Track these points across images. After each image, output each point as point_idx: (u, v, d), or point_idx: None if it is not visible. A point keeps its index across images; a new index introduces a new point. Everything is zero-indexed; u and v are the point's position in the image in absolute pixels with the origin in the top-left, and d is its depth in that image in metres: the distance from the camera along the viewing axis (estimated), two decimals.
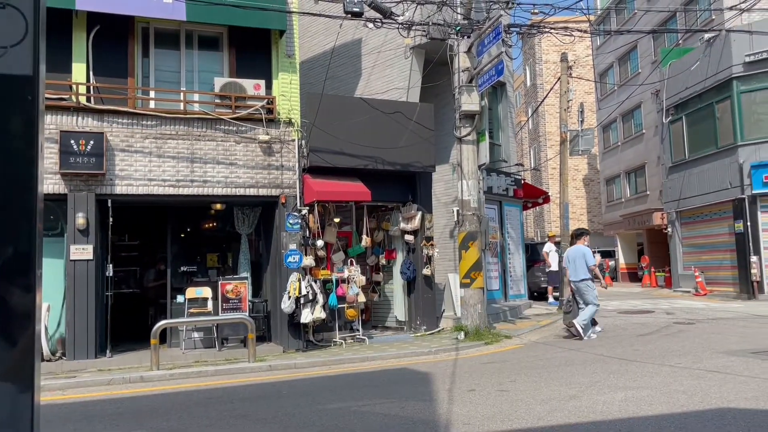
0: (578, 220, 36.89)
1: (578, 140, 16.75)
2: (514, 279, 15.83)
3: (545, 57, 38.71)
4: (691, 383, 6.02)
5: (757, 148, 17.30)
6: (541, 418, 4.97)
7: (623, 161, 31.00)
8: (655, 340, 9.42)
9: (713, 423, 4.59)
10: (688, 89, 19.82)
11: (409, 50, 12.79)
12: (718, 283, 18.85)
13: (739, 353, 7.67)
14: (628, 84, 27.31)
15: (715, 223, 19.12)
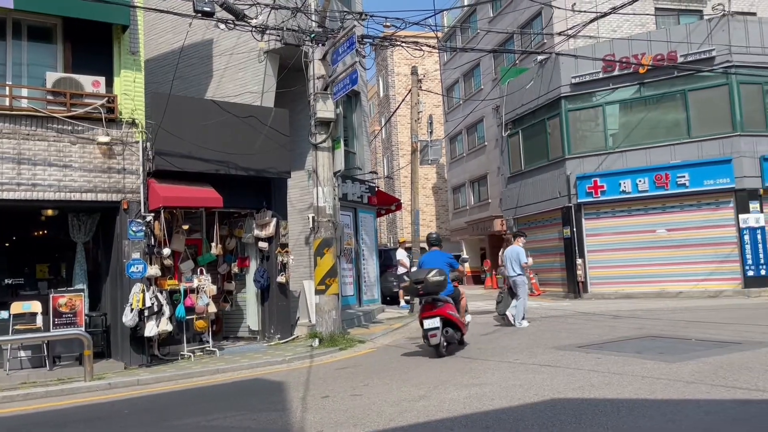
0: (428, 227, 38.50)
1: (428, 150, 17.54)
2: (368, 284, 16.15)
3: (397, 69, 40.07)
4: (527, 377, 6.51)
5: (581, 161, 19.21)
6: (392, 419, 5.10)
7: (468, 171, 32.96)
8: (496, 338, 10.08)
9: (546, 413, 5.00)
10: (524, 106, 21.55)
11: (264, 54, 12.62)
12: (550, 284, 20.63)
13: (568, 348, 8.44)
14: (472, 99, 29.13)
15: (547, 228, 20.92)
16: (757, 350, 7.34)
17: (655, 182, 17.88)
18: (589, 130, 19.95)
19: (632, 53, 18.27)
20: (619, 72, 18.56)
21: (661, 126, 18.53)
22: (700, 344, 8.15)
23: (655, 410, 4.89)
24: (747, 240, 16.85)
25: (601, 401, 5.28)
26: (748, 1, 24.79)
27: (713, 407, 4.89)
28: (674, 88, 18.23)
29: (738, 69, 17.35)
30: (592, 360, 7.33)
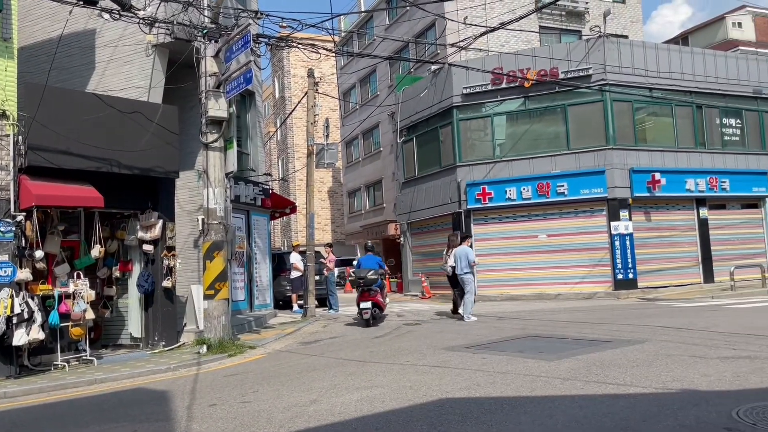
0: (323, 230, 38.42)
1: (324, 154, 17.49)
2: (260, 289, 15.84)
3: (294, 71, 39.74)
4: (417, 378, 6.65)
5: (471, 169, 19.96)
6: (283, 425, 5.03)
7: (364, 175, 33.27)
8: (388, 341, 10.22)
9: (434, 413, 5.13)
10: (418, 113, 22.08)
11: (152, 48, 12.05)
12: (441, 287, 21.20)
13: (456, 348, 8.71)
14: (369, 104, 29.42)
15: (438, 233, 21.52)
16: (625, 348, 7.94)
17: (537, 190, 18.91)
18: (478, 140, 20.78)
19: (519, 67, 19.27)
20: (507, 85, 19.49)
21: (543, 138, 19.65)
22: (576, 343, 8.70)
23: (534, 406, 5.16)
24: (617, 246, 18.23)
25: (485, 400, 5.49)
26: (621, 25, 26.91)
27: (586, 402, 5.23)
28: (555, 103, 19.40)
29: (611, 87, 18.76)
30: (479, 360, 7.61)
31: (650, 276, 18.61)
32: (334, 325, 13.67)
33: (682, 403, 4.94)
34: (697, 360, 6.80)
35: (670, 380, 5.86)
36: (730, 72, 20.70)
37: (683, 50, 21.31)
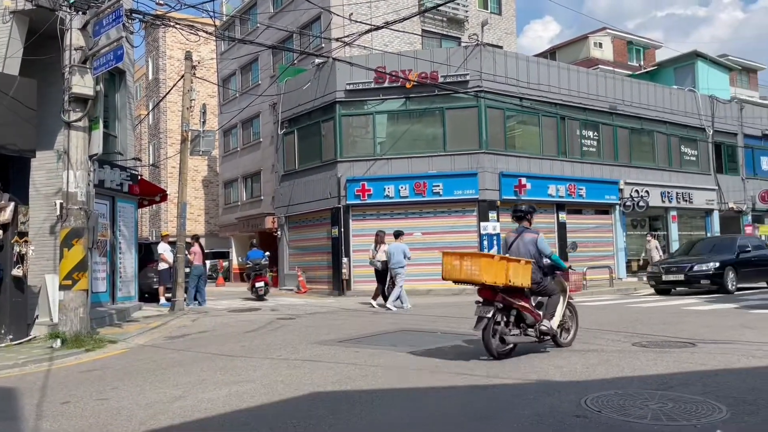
0: (196, 221, 37.00)
1: (199, 141, 16.82)
2: (125, 280, 14.93)
3: (170, 52, 37.84)
4: (288, 373, 6.59)
5: (351, 165, 20.11)
6: (144, 423, 4.77)
7: (241, 166, 32.41)
8: (260, 335, 10.04)
9: (305, 407, 5.11)
10: (301, 106, 21.88)
11: (9, 14, 10.94)
12: (317, 282, 21.21)
13: (329, 343, 8.74)
14: (249, 93, 28.68)
15: (316, 228, 21.48)
16: None
17: (415, 189, 19.44)
18: (360, 136, 20.97)
19: (401, 68, 19.69)
20: (389, 84, 19.84)
21: (422, 138, 20.23)
22: (445, 336, 9.05)
23: (404, 398, 5.29)
24: (486, 245, 19.18)
25: (357, 393, 5.55)
26: (497, 36, 28.31)
27: (452, 393, 5.45)
28: (434, 105, 20.05)
29: (486, 94, 19.71)
30: (351, 354, 7.69)
31: None
32: (204, 319, 13.21)
33: (538, 393, 5.28)
34: (553, 353, 7.30)
35: (529, 372, 6.26)
36: (590, 87, 22.48)
37: (551, 64, 22.85)
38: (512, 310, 7.05)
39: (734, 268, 16.07)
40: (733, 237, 19.12)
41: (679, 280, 16.05)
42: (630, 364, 6.45)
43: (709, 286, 15.77)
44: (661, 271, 16.46)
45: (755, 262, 16.74)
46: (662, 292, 16.64)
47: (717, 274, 15.71)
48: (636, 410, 4.59)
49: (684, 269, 15.95)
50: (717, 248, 17.01)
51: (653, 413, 4.49)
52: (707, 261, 16.00)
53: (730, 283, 15.79)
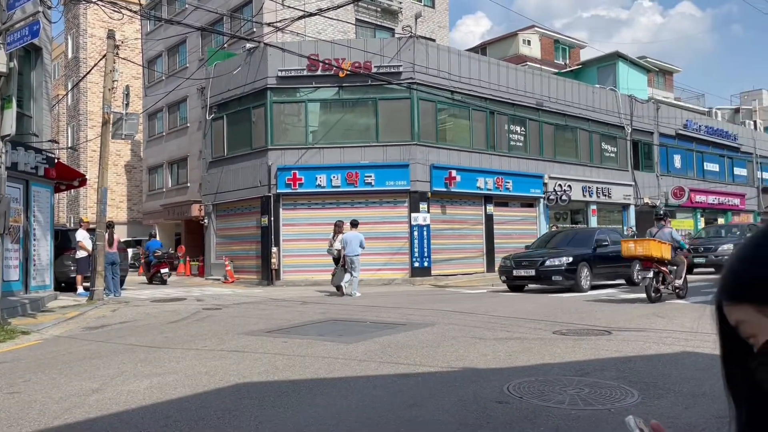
0: (118, 208, 35.60)
1: (122, 124, 16.12)
2: (39, 268, 14.16)
3: (91, 31, 36.06)
4: (214, 364, 6.45)
5: (283, 153, 19.83)
6: (58, 416, 4.55)
7: (167, 151, 31.33)
8: (184, 326, 9.78)
9: (230, 398, 5.01)
10: (230, 91, 21.36)
11: None
12: (245, 271, 20.85)
13: (257, 333, 8.62)
14: (176, 76, 27.76)
15: (245, 216, 21.09)
16: (417, 331, 8.49)
17: (347, 179, 19.39)
18: (291, 124, 20.70)
19: (334, 57, 19.54)
20: (322, 72, 19.65)
21: (354, 128, 20.19)
22: (373, 326, 9.10)
23: (331, 388, 5.29)
24: (416, 236, 19.41)
25: (284, 383, 5.50)
26: (430, 29, 28.57)
27: (380, 382, 5.49)
28: (367, 96, 20.03)
29: (419, 86, 19.86)
30: (279, 344, 7.61)
31: (442, 264, 20.12)
32: (125, 309, 12.73)
33: (463, 381, 5.40)
34: (477, 341, 7.49)
35: (454, 360, 6.38)
36: (518, 84, 23.07)
37: (482, 59, 23.28)
38: (660, 273, 11.41)
39: (589, 263, 14.65)
40: (592, 230, 17.93)
41: (530, 275, 14.52)
42: (550, 351, 6.69)
43: (562, 282, 14.37)
44: (513, 264, 14.91)
45: (614, 257, 14.87)
46: (515, 289, 15.18)
47: (570, 269, 14.28)
48: (555, 396, 4.77)
49: (536, 263, 14.50)
50: (574, 241, 15.72)
51: (571, 398, 4.68)
52: (560, 255, 14.59)
53: (584, 280, 14.40)
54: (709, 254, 19.02)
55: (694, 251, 18.71)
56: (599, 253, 15.04)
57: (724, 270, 0.87)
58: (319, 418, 4.38)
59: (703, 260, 19.04)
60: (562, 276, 14.25)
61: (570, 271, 14.27)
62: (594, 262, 14.82)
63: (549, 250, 15.24)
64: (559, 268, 14.27)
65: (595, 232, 16.29)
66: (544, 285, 14.88)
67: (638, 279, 12.55)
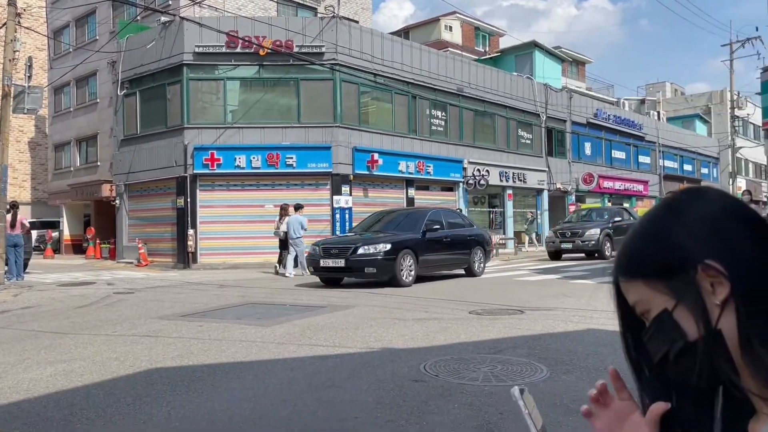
0: (21, 187, 33.48)
1: (24, 97, 15.09)
2: None
3: None
4: (124, 349, 6.20)
5: (200, 132, 19.21)
6: None
7: (75, 128, 29.62)
8: (93, 311, 9.35)
9: (141, 383, 4.84)
10: (144, 66, 20.41)
11: None
12: (160, 254, 20.14)
13: (171, 317, 8.36)
14: (85, 48, 26.24)
15: (160, 197, 20.33)
16: (337, 313, 8.51)
17: (267, 161, 19.05)
18: (209, 103, 20.07)
19: (255, 34, 19.03)
20: (242, 50, 19.13)
21: (275, 108, 19.83)
22: (293, 309, 9.04)
23: (248, 371, 5.21)
24: (338, 218, 19.38)
25: (198, 367, 5.37)
26: (353, 10, 28.37)
27: (298, 364, 5.46)
28: (289, 75, 19.70)
29: (341, 67, 19.71)
30: (194, 328, 7.42)
31: None
32: (29, 293, 12.02)
33: (381, 361, 5.46)
34: (396, 322, 7.59)
35: (373, 341, 6.44)
36: (440, 69, 23.36)
37: (404, 43, 23.38)
38: None
39: (414, 251, 12.08)
40: (423, 210, 14.58)
41: (339, 266, 11.80)
42: (466, 330, 6.88)
43: (377, 275, 11.69)
44: (321, 252, 12.20)
45: (449, 244, 13.15)
46: (330, 282, 12.62)
47: (387, 259, 11.57)
48: (469, 373, 4.91)
49: (347, 252, 11.76)
50: (403, 224, 13.20)
51: (484, 375, 4.84)
52: (377, 241, 11.85)
53: (405, 272, 11.78)
54: (576, 239, 18.94)
55: (562, 236, 19.28)
56: (431, 239, 12.63)
57: (620, 247, 0.92)
58: (234, 401, 4.31)
59: (570, 245, 19.06)
60: (377, 267, 11.52)
61: (387, 261, 11.53)
62: (422, 249, 12.30)
63: (363, 236, 12.67)
64: (374, 258, 11.53)
65: (426, 214, 13.45)
66: (358, 278, 12.26)
67: None
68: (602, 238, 18.72)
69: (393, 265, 11.60)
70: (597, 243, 18.65)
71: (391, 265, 11.60)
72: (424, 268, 12.59)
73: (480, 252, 14.15)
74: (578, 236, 18.94)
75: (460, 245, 13.64)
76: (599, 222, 19.71)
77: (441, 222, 13.40)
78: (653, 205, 0.97)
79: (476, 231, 14.89)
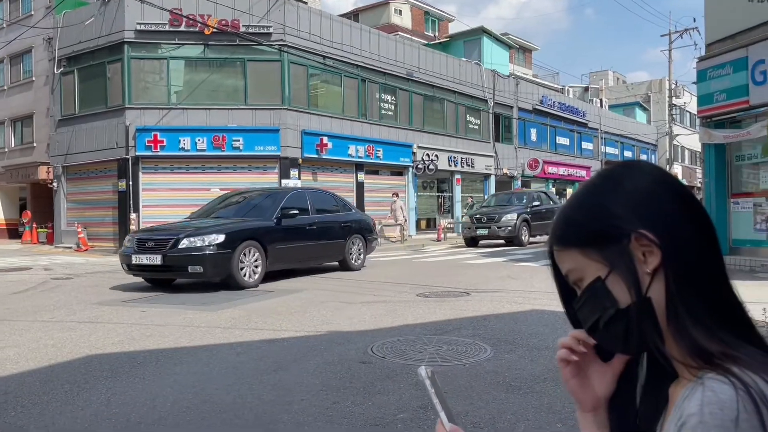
0: None
1: None
2: None
3: None
4: (62, 335, 6.00)
5: (142, 113, 18.62)
6: None
7: (9, 107, 28.19)
8: (29, 297, 9.00)
9: (80, 370, 4.70)
10: (82, 44, 19.60)
11: None
12: (101, 239, 19.51)
13: (112, 303, 8.13)
14: (19, 24, 24.91)
15: (100, 180, 19.66)
16: (285, 297, 8.46)
17: (213, 143, 18.65)
18: (152, 83, 19.46)
19: (199, 12, 18.51)
20: (186, 29, 18.59)
21: (221, 90, 19.39)
22: (240, 293, 8.91)
23: (192, 356, 5.13)
24: None
25: (140, 353, 5.25)
26: None
27: (244, 348, 5.41)
28: (235, 56, 19.27)
29: (290, 49, 19.41)
30: (137, 314, 7.24)
31: None
32: None
33: (328, 344, 5.46)
34: (345, 305, 7.60)
35: (321, 324, 6.44)
36: (389, 53, 23.30)
37: (354, 26, 23.20)
38: None
39: (262, 243, 9.63)
40: (283, 191, 11.75)
41: (154, 264, 9.12)
42: (413, 313, 6.95)
43: (206, 275, 9.26)
44: (135, 247, 9.43)
45: (314, 232, 10.85)
46: (157, 283, 9.89)
47: (222, 254, 9.00)
48: (416, 354, 4.97)
49: (165, 246, 9.12)
50: (255, 210, 10.58)
51: (430, 355, 4.90)
52: (207, 231, 9.21)
53: (248, 269, 9.38)
54: (492, 224, 17.82)
55: (478, 221, 18.14)
56: (288, 227, 10.29)
57: (556, 216, 0.94)
58: (178, 386, 4.23)
59: (486, 231, 17.94)
60: (205, 265, 8.98)
61: (221, 257, 8.99)
62: (274, 240, 9.88)
63: (192, 224, 10.18)
64: (202, 254, 8.96)
65: (284, 196, 10.80)
66: (183, 278, 9.87)
67: None
68: (519, 223, 17.70)
69: (229, 262, 9.04)
70: (514, 229, 17.58)
71: (225, 262, 9.02)
72: (278, 262, 10.09)
73: (359, 242, 12.08)
74: (494, 222, 17.80)
75: (332, 234, 11.35)
76: (517, 207, 18.60)
77: (306, 206, 10.97)
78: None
79: (354, 216, 12.47)
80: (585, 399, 0.95)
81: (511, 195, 20.79)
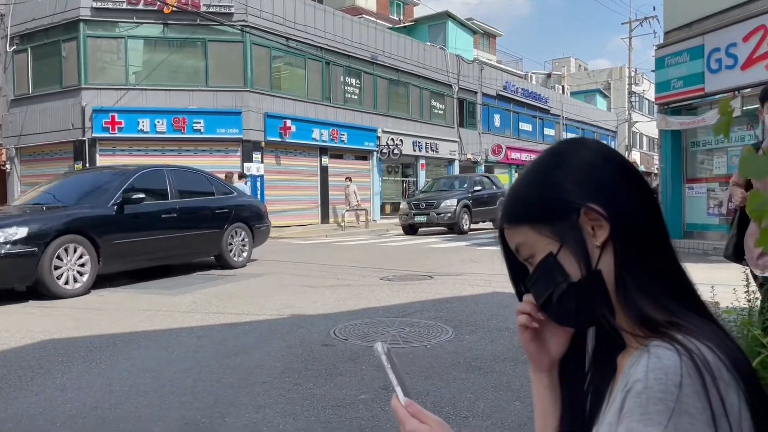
0: None
1: None
2: None
3: None
4: (16, 320, 5.83)
5: (99, 93, 18.11)
6: None
7: None
8: None
9: (34, 355, 4.58)
10: (36, 21, 18.94)
11: None
12: None
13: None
14: None
15: (56, 162, 19.09)
16: (247, 280, 8.39)
17: (173, 125, 18.28)
18: (109, 62, 18.92)
19: None
20: (145, 7, 18.11)
21: (182, 70, 18.97)
22: (201, 277, 8.81)
23: (151, 340, 5.05)
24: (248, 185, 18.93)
25: (98, 337, 5.15)
26: None
27: (205, 332, 5.35)
28: (196, 36, 18.86)
29: (252, 30, 19.09)
30: (95, 298, 7.09)
31: (277, 216, 19.82)
32: None
33: (291, 327, 5.45)
34: (308, 289, 7.58)
35: (283, 307, 6.40)
36: (354, 36, 23.12)
37: (318, 7, 22.89)
38: None
39: (91, 238, 7.45)
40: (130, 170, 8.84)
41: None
42: (376, 296, 6.98)
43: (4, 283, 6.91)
44: None
45: (174, 221, 8.68)
46: None
47: (21, 255, 6.72)
48: (378, 336, 4.99)
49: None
50: (87, 192, 8.24)
51: (393, 338, 4.93)
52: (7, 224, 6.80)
53: (67, 273, 7.13)
54: (430, 211, 16.84)
55: (416, 208, 17.23)
56: (135, 214, 8.12)
57: (506, 194, 0.95)
58: (135, 371, 4.17)
59: (424, 218, 17.00)
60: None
61: (22, 258, 6.77)
62: (111, 232, 7.71)
63: None
64: None
65: (130, 175, 8.47)
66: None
67: None
68: (459, 209, 16.74)
69: (35, 264, 6.81)
70: (453, 215, 16.61)
71: (30, 264, 6.79)
72: (116, 262, 7.88)
73: (243, 232, 9.98)
74: (433, 208, 16.84)
75: (203, 223, 9.19)
76: (457, 192, 17.54)
77: (163, 188, 8.81)
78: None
79: (236, 201, 10.14)
80: (542, 360, 0.98)
81: (452, 180, 19.83)
